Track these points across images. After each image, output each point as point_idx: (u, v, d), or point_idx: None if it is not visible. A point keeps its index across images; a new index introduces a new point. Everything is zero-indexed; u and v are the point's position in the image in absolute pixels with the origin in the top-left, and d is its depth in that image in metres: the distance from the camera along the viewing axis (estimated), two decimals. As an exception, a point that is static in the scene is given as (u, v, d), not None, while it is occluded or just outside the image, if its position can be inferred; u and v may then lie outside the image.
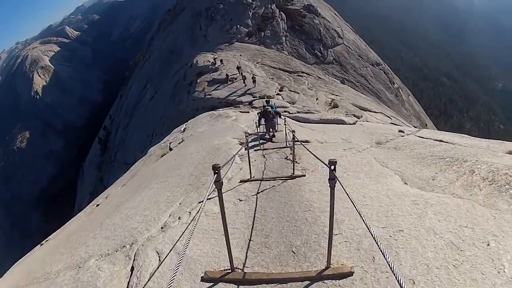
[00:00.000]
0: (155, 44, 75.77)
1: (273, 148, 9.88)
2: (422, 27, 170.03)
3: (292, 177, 6.59)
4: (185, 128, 19.63)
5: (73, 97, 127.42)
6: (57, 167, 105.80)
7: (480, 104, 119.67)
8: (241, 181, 6.87)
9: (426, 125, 49.17)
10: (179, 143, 15.74)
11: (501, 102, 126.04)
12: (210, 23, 53.60)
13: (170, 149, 15.34)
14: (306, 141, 10.21)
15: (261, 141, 10.81)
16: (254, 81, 29.99)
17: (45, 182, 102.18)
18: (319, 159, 3.34)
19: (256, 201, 5.48)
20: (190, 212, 5.64)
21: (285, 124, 10.47)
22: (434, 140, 8.83)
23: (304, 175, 6.60)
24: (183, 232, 4.54)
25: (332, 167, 2.83)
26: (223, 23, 51.48)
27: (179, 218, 5.51)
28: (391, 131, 11.69)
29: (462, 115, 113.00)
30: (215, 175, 2.83)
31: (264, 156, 8.91)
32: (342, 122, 15.63)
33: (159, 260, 4.17)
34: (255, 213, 4.94)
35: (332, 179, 2.87)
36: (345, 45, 49.43)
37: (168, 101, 40.25)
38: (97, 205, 11.29)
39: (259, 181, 6.66)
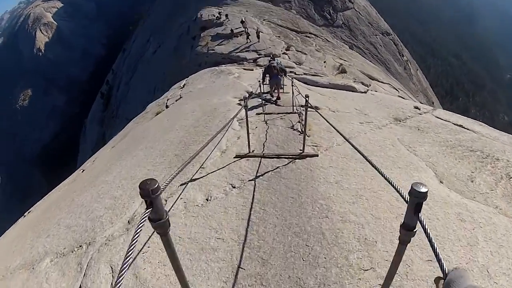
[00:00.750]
0: (158, -2, 71.36)
1: (278, 113, 8.23)
2: (434, 2, 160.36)
3: (302, 156, 5.12)
4: (184, 84, 18.14)
5: (76, 51, 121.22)
6: (59, 123, 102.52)
7: (487, 91, 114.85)
8: (236, 156, 5.42)
9: (433, 103, 47.14)
10: (176, 100, 14.27)
11: (508, 93, 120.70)
12: (217, -24, 49.53)
13: (167, 107, 13.98)
14: (316, 108, 8.73)
15: (264, 103, 9.33)
16: (258, 36, 27.89)
17: (47, 139, 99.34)
18: (364, 156, 1.83)
19: (254, 192, 4.10)
20: (166, 201, 4.26)
21: (292, 85, 8.85)
22: (454, 124, 7.59)
23: (317, 155, 5.14)
24: (150, 237, 3.20)
25: (415, 200, 1.23)
26: (230, -23, 47.54)
27: (151, 209, 4.17)
28: (407, 106, 10.28)
29: (468, 99, 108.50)
30: (149, 209, 1.16)
31: (266, 123, 7.36)
32: (352, 89, 13.94)
33: (111, 284, 2.90)
34: (250, 214, 3.57)
35: (411, 230, 1.29)
36: (356, 10, 46.07)
37: (170, 55, 38.10)
38: (83, 171, 10.18)
39: (259, 158, 5.23)
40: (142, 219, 1.16)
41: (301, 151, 5.27)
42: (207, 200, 4.04)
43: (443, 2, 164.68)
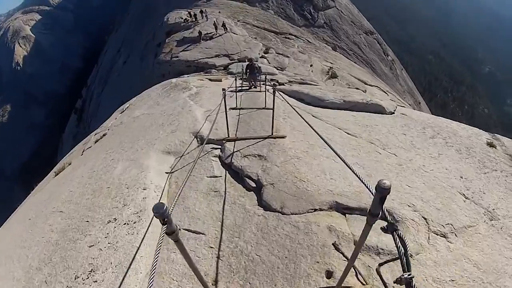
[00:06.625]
0: (131, 5, 65.57)
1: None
2: (411, 2, 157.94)
3: None
4: (128, 107, 12.74)
5: (55, 64, 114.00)
6: (38, 139, 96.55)
7: (465, 85, 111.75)
8: None
9: (419, 103, 43.16)
10: (96, 141, 9.20)
11: (486, 86, 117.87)
12: (187, -23, 44.16)
13: (83, 152, 8.96)
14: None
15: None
16: (215, 27, 24.84)
17: (27, 155, 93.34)
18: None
19: None
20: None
21: None
22: None
23: None
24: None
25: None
26: (201, -22, 42.26)
27: None
28: (477, 141, 6.39)
29: (447, 95, 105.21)
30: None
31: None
32: (381, 110, 8.59)
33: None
34: None
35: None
36: (337, 8, 41.67)
37: (138, 65, 32.92)
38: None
39: None
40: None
41: None
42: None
43: (420, 2, 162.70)
